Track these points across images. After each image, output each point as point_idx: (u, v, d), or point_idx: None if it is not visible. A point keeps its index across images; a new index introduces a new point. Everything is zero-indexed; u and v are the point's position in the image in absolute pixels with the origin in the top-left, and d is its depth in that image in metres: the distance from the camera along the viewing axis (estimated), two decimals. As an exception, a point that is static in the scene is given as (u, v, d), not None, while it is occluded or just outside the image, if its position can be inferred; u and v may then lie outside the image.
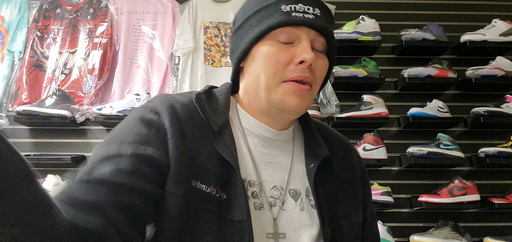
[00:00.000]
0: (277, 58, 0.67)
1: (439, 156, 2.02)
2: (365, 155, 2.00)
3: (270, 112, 0.72)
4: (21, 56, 2.21)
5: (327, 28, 0.69)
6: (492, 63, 2.14)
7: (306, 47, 0.66)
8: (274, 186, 0.70)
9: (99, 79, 2.16)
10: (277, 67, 0.67)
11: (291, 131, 0.79)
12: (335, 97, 2.15)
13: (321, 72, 0.70)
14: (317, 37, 0.69)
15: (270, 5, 0.68)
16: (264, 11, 0.69)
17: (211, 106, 0.71)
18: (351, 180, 0.78)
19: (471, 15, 2.39)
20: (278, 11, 0.67)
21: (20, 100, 2.11)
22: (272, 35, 0.68)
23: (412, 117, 2.09)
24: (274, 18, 0.67)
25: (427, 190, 2.08)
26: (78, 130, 2.19)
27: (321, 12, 0.69)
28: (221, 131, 0.68)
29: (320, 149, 0.75)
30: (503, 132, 2.18)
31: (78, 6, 2.32)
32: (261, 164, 0.71)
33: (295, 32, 0.67)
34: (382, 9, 2.39)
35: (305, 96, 0.68)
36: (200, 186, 0.63)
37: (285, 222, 0.68)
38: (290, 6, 0.67)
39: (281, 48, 0.67)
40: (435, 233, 1.91)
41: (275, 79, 0.67)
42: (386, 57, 2.33)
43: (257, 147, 0.72)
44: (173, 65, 2.26)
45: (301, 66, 0.66)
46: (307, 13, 0.67)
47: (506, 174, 2.17)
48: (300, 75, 0.67)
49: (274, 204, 0.69)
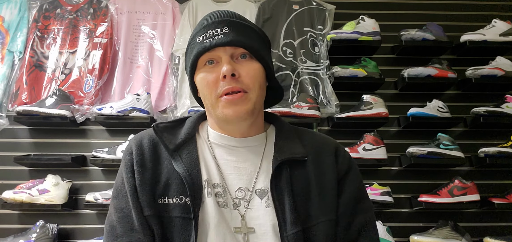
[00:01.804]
0: (207, 81, 0.79)
1: (439, 156, 2.02)
2: (365, 155, 2.00)
3: (223, 125, 0.84)
4: (21, 56, 2.21)
5: (239, 39, 0.78)
6: (492, 63, 2.14)
7: (224, 63, 0.77)
8: (239, 188, 0.81)
9: (99, 79, 2.16)
10: (209, 88, 0.79)
11: (262, 137, 0.88)
12: (335, 97, 2.15)
13: (250, 76, 0.79)
14: (235, 50, 0.79)
15: (191, 42, 0.84)
16: (190, 49, 0.84)
17: (171, 131, 0.86)
18: (326, 180, 0.82)
19: (471, 15, 2.39)
20: (196, 44, 0.81)
21: (20, 100, 2.11)
22: (199, 65, 0.82)
23: (412, 117, 2.09)
24: (194, 51, 0.81)
25: (427, 190, 2.08)
26: (78, 130, 2.19)
27: (230, 28, 0.79)
28: (179, 148, 0.82)
29: (288, 151, 0.83)
30: (503, 132, 2.18)
31: (78, 6, 2.32)
32: (227, 170, 0.82)
33: (214, 54, 0.79)
34: (382, 9, 2.39)
35: (240, 103, 0.78)
36: (167, 200, 0.78)
37: (251, 219, 0.78)
38: (202, 36, 0.80)
39: (208, 71, 0.80)
40: (435, 233, 1.91)
41: (212, 98, 0.79)
42: (386, 57, 2.33)
43: (222, 156, 0.84)
44: (173, 65, 2.26)
45: (225, 80, 0.77)
46: (217, 35, 0.78)
47: (506, 174, 2.17)
48: (227, 88, 0.77)
49: (239, 203, 0.80)
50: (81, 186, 2.12)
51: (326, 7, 2.34)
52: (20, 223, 2.06)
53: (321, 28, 2.29)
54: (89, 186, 2.11)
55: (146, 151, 0.83)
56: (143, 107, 2.04)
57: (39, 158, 2.07)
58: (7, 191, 1.95)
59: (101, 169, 2.14)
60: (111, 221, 0.80)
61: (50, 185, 1.95)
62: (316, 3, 2.34)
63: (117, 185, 0.84)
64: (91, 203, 1.96)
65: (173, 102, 2.19)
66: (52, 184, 1.95)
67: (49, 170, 2.05)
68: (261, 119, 0.89)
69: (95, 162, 2.03)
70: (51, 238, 1.91)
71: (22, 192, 1.93)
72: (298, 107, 2.02)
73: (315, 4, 2.34)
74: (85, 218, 2.10)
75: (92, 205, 1.97)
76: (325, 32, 2.27)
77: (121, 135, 2.15)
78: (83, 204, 2.01)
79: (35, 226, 1.91)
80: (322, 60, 2.23)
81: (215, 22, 0.80)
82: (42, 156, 2.10)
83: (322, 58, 2.23)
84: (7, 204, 1.95)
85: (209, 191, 0.79)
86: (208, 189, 0.79)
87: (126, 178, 0.80)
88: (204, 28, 0.80)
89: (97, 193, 1.97)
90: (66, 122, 2.06)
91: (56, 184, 1.96)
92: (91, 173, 2.15)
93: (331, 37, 2.17)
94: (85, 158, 2.14)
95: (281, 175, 0.80)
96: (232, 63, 0.78)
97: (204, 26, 0.81)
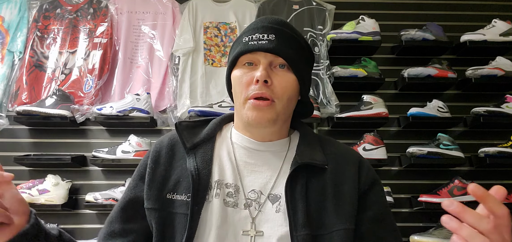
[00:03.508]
0: (241, 80, 0.82)
1: (439, 156, 2.02)
2: (365, 155, 2.00)
3: (246, 127, 0.86)
4: (21, 56, 2.21)
5: (281, 49, 0.80)
6: (492, 63, 2.14)
7: (261, 68, 0.79)
8: (253, 190, 0.82)
9: (99, 79, 2.16)
10: (242, 87, 0.81)
11: (284, 142, 0.89)
12: (335, 97, 2.15)
13: (281, 86, 0.80)
14: (275, 58, 0.81)
15: (238, 39, 0.86)
16: (235, 45, 0.86)
17: (192, 130, 0.88)
18: (345, 190, 0.81)
19: (471, 15, 2.39)
20: (241, 43, 0.83)
21: (20, 100, 2.11)
22: (239, 63, 0.84)
23: (412, 117, 2.09)
24: (238, 48, 0.83)
25: (427, 190, 2.07)
26: (78, 130, 2.19)
27: (276, 36, 0.81)
28: (196, 147, 0.85)
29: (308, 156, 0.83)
30: (503, 132, 2.18)
31: (78, 6, 2.32)
32: (244, 172, 0.84)
33: (255, 57, 0.81)
34: (382, 9, 2.39)
35: (265, 111, 0.80)
36: (175, 196, 0.80)
37: (261, 222, 0.79)
38: (249, 37, 0.82)
39: (245, 71, 0.82)
40: (435, 233, 1.91)
41: (242, 97, 0.82)
42: (386, 57, 2.33)
43: (242, 158, 0.86)
44: (173, 65, 2.26)
45: (257, 84, 0.79)
46: (262, 40, 0.80)
47: (506, 174, 2.17)
48: (257, 92, 0.79)
49: (250, 204, 0.80)
50: (81, 186, 2.12)
51: (326, 7, 2.34)
52: (20, 223, 2.06)
53: (321, 28, 2.29)
54: (89, 186, 2.11)
55: (164, 148, 0.87)
56: (143, 107, 2.04)
57: (39, 158, 2.07)
58: (7, 191, 1.94)
59: (101, 169, 2.14)
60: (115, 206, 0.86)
61: (50, 185, 1.95)
62: (316, 3, 2.34)
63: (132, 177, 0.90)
64: (91, 203, 1.96)
65: (173, 102, 2.19)
66: (52, 184, 1.95)
67: (49, 170, 2.05)
68: (286, 128, 0.90)
69: (95, 162, 2.03)
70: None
71: (22, 192, 1.93)
72: (298, 107, 2.02)
73: (315, 4, 2.34)
74: (85, 218, 2.10)
75: (92, 205, 1.97)
76: (325, 32, 2.27)
77: (121, 135, 2.15)
78: (83, 204, 2.01)
79: (35, 226, 1.91)
80: (322, 60, 2.23)
81: (264, 27, 0.82)
82: (42, 156, 2.10)
83: (322, 58, 2.23)
84: (7, 204, 1.95)
85: (217, 192, 0.80)
86: (216, 190, 0.80)
87: (137, 171, 0.87)
88: (253, 30, 0.82)
89: (97, 193, 1.97)
90: (66, 121, 2.06)
91: (56, 184, 1.96)
92: (91, 173, 2.15)
93: (331, 37, 2.17)
94: (85, 158, 2.14)
95: (298, 178, 0.80)
96: (268, 70, 0.80)
97: (254, 28, 0.83)
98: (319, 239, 0.76)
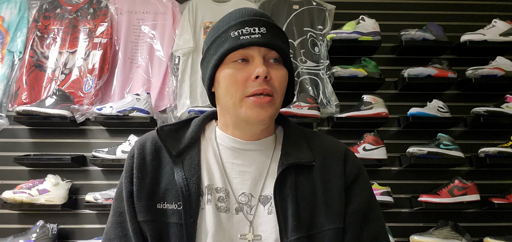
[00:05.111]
0: (235, 78, 0.76)
1: (439, 156, 2.02)
2: (365, 155, 2.00)
3: (239, 126, 0.82)
4: (21, 56, 2.21)
5: (275, 42, 0.77)
6: (492, 63, 2.14)
7: (258, 64, 0.75)
8: (243, 193, 0.80)
9: (99, 79, 2.16)
10: (237, 86, 0.76)
11: (270, 140, 0.86)
12: (335, 97, 2.15)
13: (279, 81, 0.78)
14: (269, 52, 0.77)
15: (222, 34, 0.79)
16: (218, 40, 0.79)
17: (175, 135, 0.84)
18: (332, 187, 0.80)
19: (471, 15, 2.39)
20: (228, 38, 0.77)
21: (20, 100, 2.11)
22: (228, 60, 0.78)
23: (412, 117, 2.09)
24: (226, 44, 0.77)
25: (427, 190, 2.08)
26: (78, 130, 2.19)
27: (267, 29, 0.77)
28: (183, 153, 0.81)
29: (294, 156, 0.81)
30: (503, 132, 2.18)
31: (78, 6, 2.32)
32: (231, 174, 0.81)
33: (248, 52, 0.77)
34: (382, 9, 2.39)
35: (267, 107, 0.76)
36: (166, 206, 0.77)
37: (256, 225, 0.78)
38: (238, 31, 0.76)
39: (238, 68, 0.77)
40: (435, 233, 1.91)
41: (237, 96, 0.77)
42: (386, 57, 2.33)
43: (229, 159, 0.83)
44: (173, 65, 2.26)
45: (257, 80, 0.75)
46: (254, 34, 0.76)
47: (506, 174, 2.17)
48: (258, 88, 0.75)
49: (241, 208, 0.79)
50: (81, 186, 2.12)
51: (326, 7, 2.34)
52: (20, 223, 2.06)
53: (321, 28, 2.29)
54: (89, 186, 2.11)
55: (148, 155, 0.82)
56: (143, 107, 2.04)
57: (39, 158, 2.07)
58: (7, 191, 1.95)
59: (101, 169, 2.14)
60: (108, 223, 0.81)
61: (50, 185, 1.95)
62: (316, 3, 2.34)
63: (118, 187, 0.84)
64: (91, 203, 1.96)
65: (173, 102, 2.19)
66: (52, 184, 1.95)
67: (49, 170, 2.05)
68: (273, 123, 0.88)
69: (95, 162, 2.03)
70: (51, 238, 1.91)
71: (22, 192, 1.93)
72: (298, 107, 2.02)
73: (315, 4, 2.34)
74: (85, 218, 2.10)
75: (92, 205, 1.97)
76: (325, 32, 2.27)
77: (121, 135, 2.15)
78: (83, 204, 2.01)
79: (35, 226, 1.91)
80: (322, 60, 2.23)
81: (253, 20, 0.77)
82: (42, 156, 2.10)
83: (322, 58, 2.23)
84: (7, 204, 1.95)
85: (209, 198, 0.78)
86: (208, 195, 0.78)
87: (124, 183, 0.80)
88: (241, 24, 0.77)
89: (97, 193, 1.97)
90: (66, 121, 2.06)
91: (56, 184, 1.96)
92: (91, 173, 2.15)
93: (331, 37, 2.17)
94: (85, 158, 2.14)
95: (286, 179, 0.78)
96: (266, 65, 0.76)
97: (241, 22, 0.77)
98: (310, 240, 0.75)
